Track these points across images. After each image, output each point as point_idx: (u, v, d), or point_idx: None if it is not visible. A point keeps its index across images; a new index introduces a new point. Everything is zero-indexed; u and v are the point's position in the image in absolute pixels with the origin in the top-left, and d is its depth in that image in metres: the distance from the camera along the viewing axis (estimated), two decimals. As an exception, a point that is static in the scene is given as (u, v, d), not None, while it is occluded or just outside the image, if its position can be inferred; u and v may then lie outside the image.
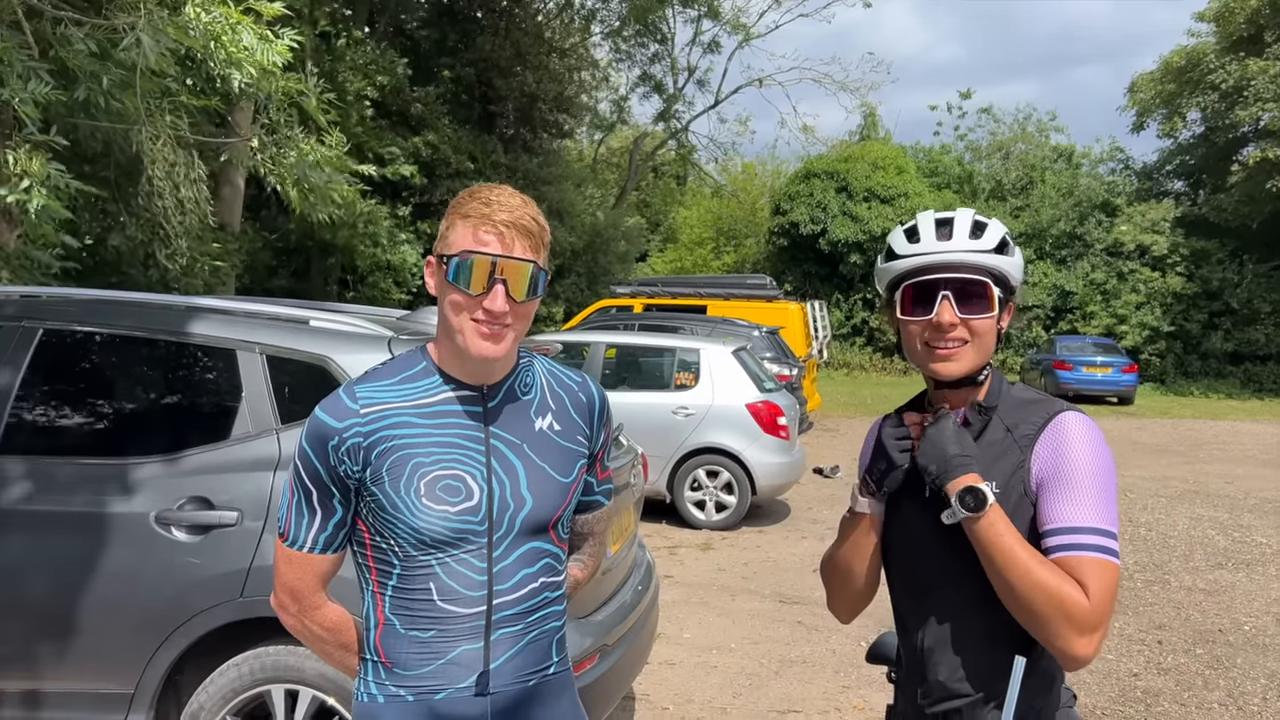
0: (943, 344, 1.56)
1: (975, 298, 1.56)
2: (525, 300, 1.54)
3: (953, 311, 1.55)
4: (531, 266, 1.54)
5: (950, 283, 1.56)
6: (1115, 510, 1.50)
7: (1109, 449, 1.54)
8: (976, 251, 1.57)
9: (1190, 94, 26.04)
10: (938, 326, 1.55)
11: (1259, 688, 4.93)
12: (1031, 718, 1.54)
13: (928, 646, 1.59)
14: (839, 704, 4.60)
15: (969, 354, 1.57)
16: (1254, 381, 24.83)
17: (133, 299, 3.44)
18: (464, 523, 1.54)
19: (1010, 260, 1.59)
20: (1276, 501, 10.16)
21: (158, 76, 6.36)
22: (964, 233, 1.58)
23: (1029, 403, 1.60)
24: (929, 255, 1.58)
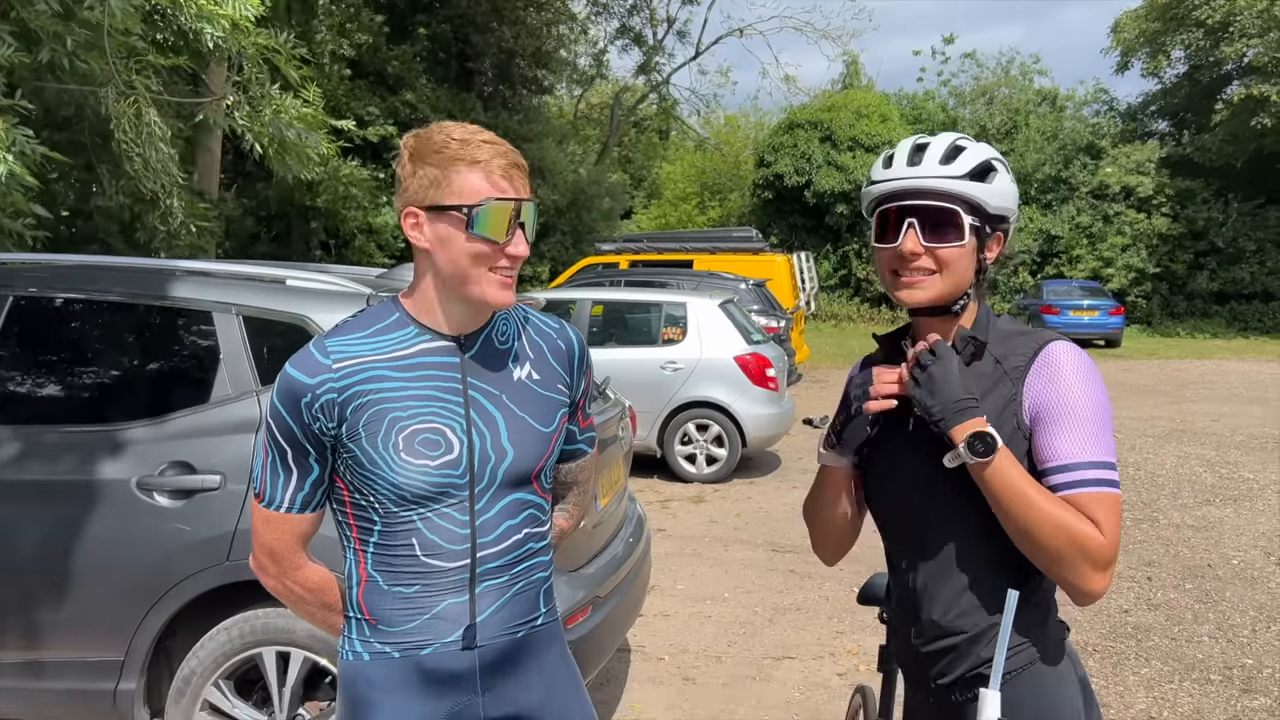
0: (908, 272, 1.53)
1: (944, 226, 1.51)
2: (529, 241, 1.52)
3: (917, 240, 1.51)
4: (536, 205, 1.53)
5: (917, 210, 1.52)
6: (1112, 440, 1.48)
7: (1100, 377, 1.52)
8: (946, 178, 1.50)
9: (1175, 31, 25.83)
10: (902, 255, 1.52)
11: (1248, 620, 4.98)
12: (1026, 651, 1.52)
13: (920, 586, 1.58)
14: (833, 649, 4.63)
15: (935, 283, 1.52)
16: (1239, 320, 24.94)
17: (105, 263, 3.39)
18: (445, 476, 1.50)
19: (987, 187, 1.51)
20: (1263, 438, 10.24)
21: (124, 35, 6.20)
22: (935, 158, 1.52)
23: (1017, 334, 1.57)
24: (896, 181, 1.53)
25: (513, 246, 1.49)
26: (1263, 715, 3.92)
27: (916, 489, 1.57)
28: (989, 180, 1.53)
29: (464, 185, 1.45)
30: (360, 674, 1.55)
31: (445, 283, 1.51)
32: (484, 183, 1.45)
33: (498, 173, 1.46)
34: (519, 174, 1.49)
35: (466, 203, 1.45)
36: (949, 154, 1.53)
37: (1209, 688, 4.18)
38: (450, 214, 1.45)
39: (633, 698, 4.09)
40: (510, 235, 1.48)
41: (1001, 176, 1.54)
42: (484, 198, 1.45)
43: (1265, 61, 22.61)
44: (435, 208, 1.46)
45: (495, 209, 1.45)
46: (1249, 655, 4.52)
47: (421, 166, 1.47)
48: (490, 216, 1.45)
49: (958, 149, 1.54)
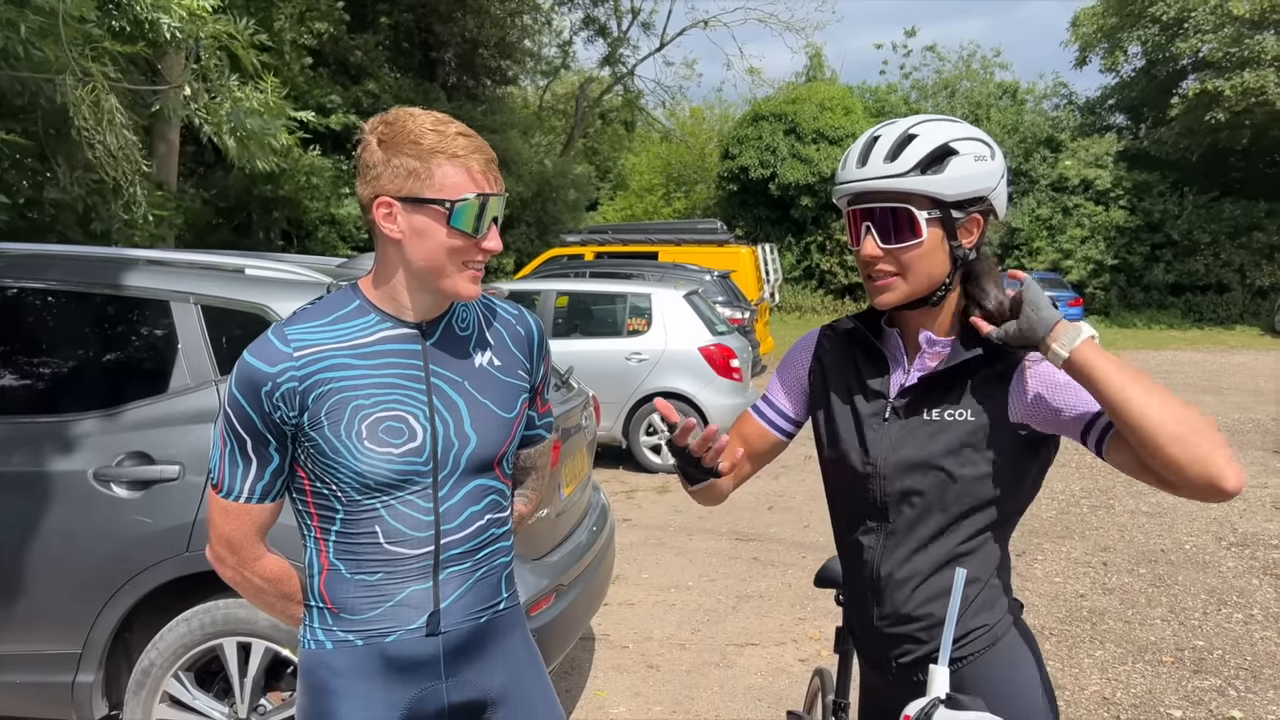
0: (875, 275, 1.52)
1: (899, 226, 1.48)
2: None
3: (874, 243, 1.49)
4: (505, 197, 1.53)
5: (871, 213, 1.50)
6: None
7: None
8: (890, 176, 1.46)
9: (1131, 27, 26.20)
10: (864, 259, 1.52)
11: (1199, 603, 5.09)
12: (984, 634, 1.56)
13: (886, 572, 1.59)
14: (795, 635, 4.68)
15: (900, 285, 1.51)
16: (1194, 311, 25.42)
17: (61, 252, 3.33)
18: (408, 464, 1.50)
19: (939, 178, 1.45)
20: (1215, 426, 10.44)
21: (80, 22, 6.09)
22: (881, 155, 1.48)
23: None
24: (848, 185, 1.52)
25: (488, 241, 1.50)
26: (1213, 695, 4.02)
27: (893, 475, 1.57)
28: (943, 168, 1.46)
29: (445, 179, 1.44)
30: (322, 662, 1.55)
31: (415, 274, 1.50)
32: (465, 178, 1.45)
33: (477, 168, 1.46)
34: (493, 168, 1.50)
35: (448, 197, 1.44)
36: (896, 148, 1.48)
37: (1161, 669, 4.28)
38: (430, 207, 1.45)
39: (597, 685, 4.11)
40: (486, 231, 1.49)
41: (961, 160, 1.47)
42: (466, 193, 1.45)
43: (1219, 57, 23.01)
44: (414, 199, 1.45)
45: (475, 205, 1.46)
46: (1200, 637, 4.63)
47: (396, 156, 1.44)
48: (470, 212, 1.45)
49: (908, 139, 1.48)
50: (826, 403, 1.68)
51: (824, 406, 1.68)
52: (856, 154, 1.52)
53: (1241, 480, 1.27)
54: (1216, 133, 23.77)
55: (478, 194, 1.46)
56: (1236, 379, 14.63)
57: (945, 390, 1.54)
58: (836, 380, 1.67)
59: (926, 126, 1.50)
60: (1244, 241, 25.09)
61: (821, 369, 1.71)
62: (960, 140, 1.48)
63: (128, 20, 6.66)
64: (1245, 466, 1.19)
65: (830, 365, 1.70)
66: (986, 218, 1.54)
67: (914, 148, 1.47)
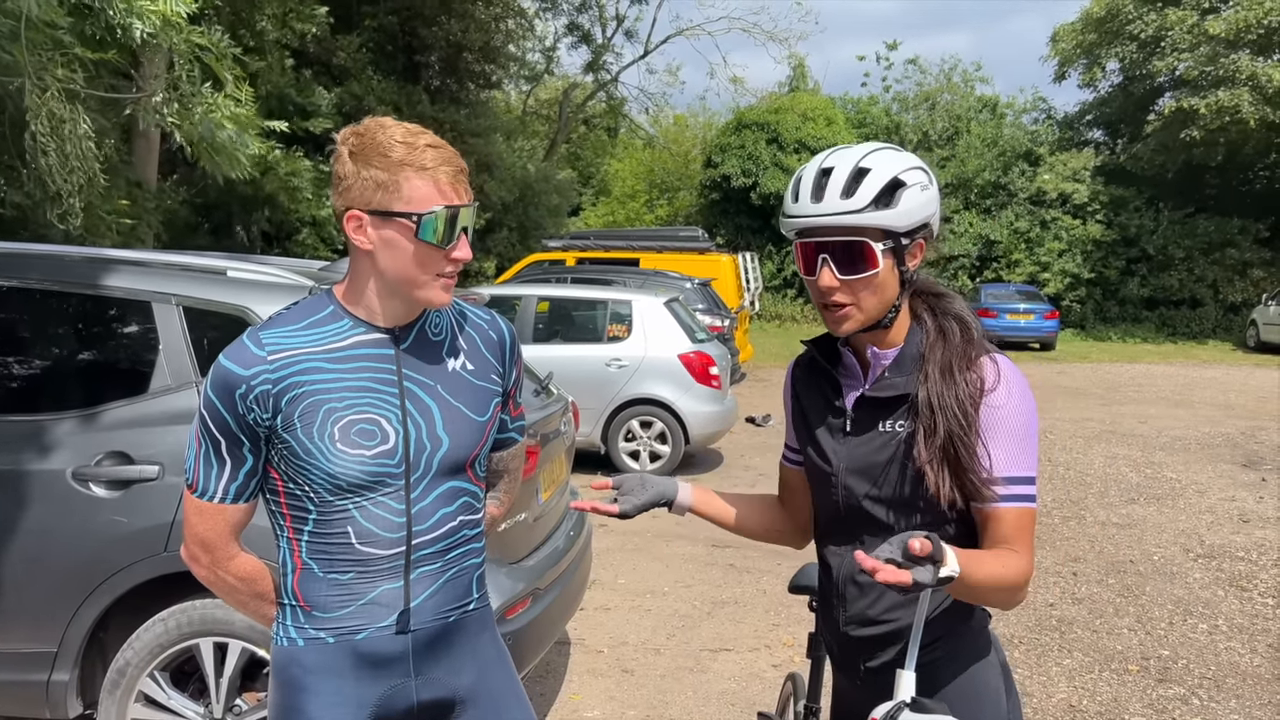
0: (831, 304, 1.57)
1: (855, 259, 1.53)
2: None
3: (832, 275, 1.54)
4: (476, 206, 1.57)
5: (827, 245, 1.54)
6: (1036, 452, 1.54)
7: (1029, 390, 1.57)
8: (847, 213, 1.51)
9: (1110, 44, 26.47)
10: (820, 289, 1.56)
11: (1165, 613, 5.18)
12: (950, 640, 1.60)
13: (852, 578, 1.64)
14: (769, 641, 4.72)
15: (856, 314, 1.56)
16: (1168, 325, 25.67)
17: (41, 251, 3.33)
18: (380, 466, 1.53)
19: (893, 212, 1.51)
20: (1185, 439, 10.60)
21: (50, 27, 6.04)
22: (836, 191, 1.52)
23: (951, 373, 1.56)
24: (804, 219, 1.55)
25: (458, 252, 1.53)
26: (1177, 704, 4.09)
27: (852, 484, 1.63)
28: (895, 201, 1.52)
29: (413, 192, 1.47)
30: (294, 659, 1.58)
31: (387, 283, 1.54)
32: (432, 190, 1.48)
33: (445, 180, 1.49)
34: (462, 179, 1.53)
35: (415, 210, 1.47)
36: (850, 184, 1.52)
37: (1127, 678, 4.35)
38: (397, 220, 1.48)
39: (572, 689, 4.14)
40: (455, 241, 1.52)
41: (910, 192, 1.53)
42: (432, 206, 1.48)
43: (1195, 75, 23.28)
44: (382, 213, 1.48)
45: (444, 216, 1.49)
46: (1165, 647, 4.71)
47: (366, 168, 1.48)
48: (437, 224, 1.49)
49: (861, 174, 1.52)
50: (805, 427, 1.76)
51: (803, 431, 1.77)
52: (809, 188, 1.55)
53: (1021, 601, 1.55)
54: (1191, 150, 24.04)
55: (445, 206, 1.49)
56: (1208, 393, 14.83)
57: (897, 404, 1.60)
58: (809, 405, 1.75)
59: (876, 159, 1.54)
60: (1217, 257, 25.39)
61: (797, 398, 1.80)
62: (906, 171, 1.54)
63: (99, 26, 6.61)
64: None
65: (803, 393, 1.78)
66: (928, 240, 1.61)
67: (868, 183, 1.52)
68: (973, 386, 1.54)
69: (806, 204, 1.55)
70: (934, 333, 1.61)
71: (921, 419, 1.54)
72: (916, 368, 1.59)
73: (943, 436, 1.51)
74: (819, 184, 1.55)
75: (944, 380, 1.55)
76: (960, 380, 1.54)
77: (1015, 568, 1.49)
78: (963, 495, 1.53)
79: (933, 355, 1.58)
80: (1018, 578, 1.49)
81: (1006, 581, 1.48)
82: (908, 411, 1.58)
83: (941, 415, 1.52)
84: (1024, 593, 1.52)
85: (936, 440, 1.52)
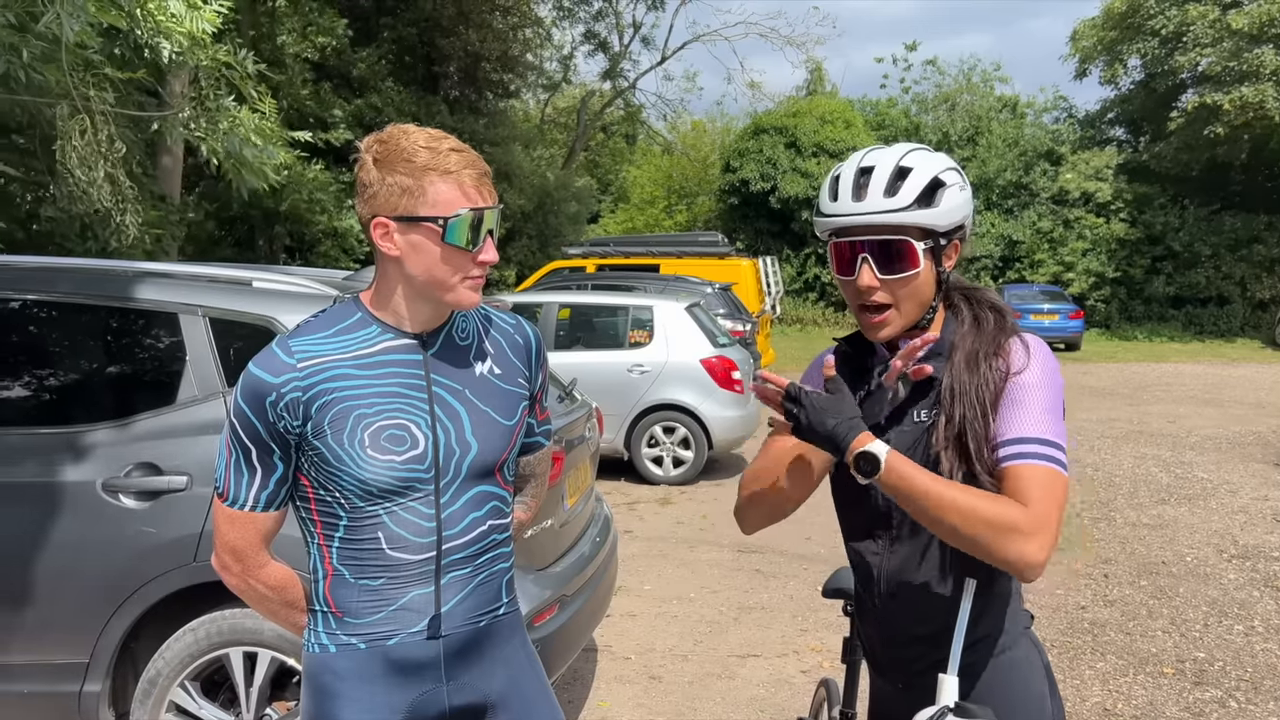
0: (871, 307, 1.54)
1: (897, 258, 1.51)
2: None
3: (872, 274, 1.52)
4: (500, 210, 1.57)
5: (868, 245, 1.52)
6: (1063, 425, 1.50)
7: (1058, 367, 1.55)
8: (890, 211, 1.49)
9: (1131, 40, 26.27)
10: (859, 289, 1.54)
11: (1200, 615, 5.10)
12: (992, 641, 1.58)
13: (894, 581, 1.61)
14: (797, 646, 4.69)
15: (896, 318, 1.54)
16: (1195, 324, 25.42)
17: (69, 264, 3.37)
18: (410, 471, 1.53)
19: (935, 210, 1.51)
20: (1216, 439, 10.47)
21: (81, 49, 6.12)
22: (879, 189, 1.51)
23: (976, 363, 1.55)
24: (844, 217, 1.53)
25: (484, 254, 1.53)
26: (1214, 706, 4.03)
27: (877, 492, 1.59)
28: (937, 201, 1.51)
29: (438, 196, 1.48)
30: (326, 666, 1.58)
31: (415, 288, 1.54)
32: (457, 193, 1.49)
33: (469, 183, 1.50)
34: (487, 182, 1.54)
35: (441, 214, 1.48)
36: (892, 183, 1.51)
37: (1162, 681, 4.29)
38: (424, 224, 1.49)
39: (600, 696, 4.12)
40: (482, 243, 1.52)
41: (950, 191, 1.53)
42: (458, 209, 1.48)
43: (1218, 71, 23.07)
44: (408, 218, 1.49)
45: (469, 219, 1.49)
46: (1201, 649, 4.64)
47: (391, 174, 1.48)
48: (463, 227, 1.49)
49: (902, 173, 1.52)
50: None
51: None
52: (849, 186, 1.54)
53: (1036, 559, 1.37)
54: (1215, 147, 23.80)
55: (470, 209, 1.49)
56: (1237, 392, 14.65)
57: (927, 390, 1.57)
58: None
59: (916, 158, 1.54)
60: (1244, 254, 25.13)
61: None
62: (945, 171, 1.53)
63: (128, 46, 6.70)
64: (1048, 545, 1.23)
65: None
66: (962, 242, 1.60)
67: (911, 182, 1.51)
68: (997, 373, 1.51)
69: (847, 202, 1.53)
70: (969, 321, 1.60)
71: (943, 406, 1.52)
72: (948, 357, 1.57)
73: (957, 424, 1.49)
74: (859, 182, 1.53)
75: (968, 369, 1.53)
76: (985, 369, 1.52)
77: (1000, 507, 1.37)
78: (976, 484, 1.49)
79: (962, 344, 1.56)
80: (1000, 517, 1.36)
81: (981, 512, 1.37)
82: (935, 399, 1.55)
83: (960, 404, 1.50)
84: (1020, 546, 1.36)
85: (953, 428, 1.49)
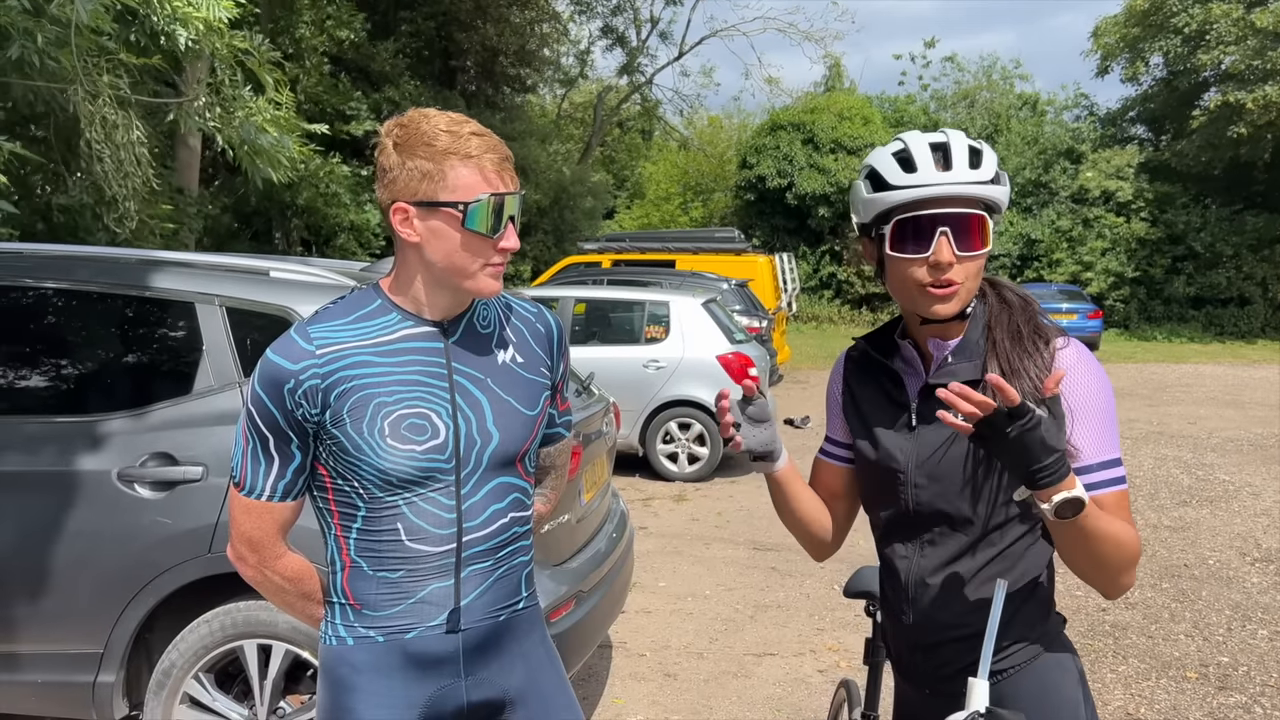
0: (939, 284, 1.47)
1: (971, 233, 1.46)
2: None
3: (951, 249, 1.45)
4: (522, 197, 1.53)
5: (949, 218, 1.45)
6: (1118, 434, 1.47)
7: (1105, 373, 1.51)
8: (979, 183, 1.44)
9: (1153, 38, 26.03)
10: (935, 265, 1.46)
11: (1223, 619, 5.03)
12: (1028, 646, 1.53)
13: (925, 583, 1.57)
14: (814, 645, 4.64)
15: (963, 293, 1.48)
16: (1215, 324, 25.18)
17: (86, 253, 3.35)
18: (431, 461, 1.50)
19: (1004, 189, 1.49)
20: (1238, 440, 10.35)
21: (96, 34, 6.12)
22: (964, 161, 1.45)
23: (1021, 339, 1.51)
24: (929, 187, 1.45)
25: (506, 240, 1.50)
26: (1238, 712, 3.96)
27: (922, 482, 1.55)
28: (1003, 181, 1.50)
29: (458, 180, 1.44)
30: (343, 659, 1.55)
31: (435, 275, 1.51)
32: (478, 178, 1.45)
33: (490, 167, 1.46)
34: (508, 166, 1.50)
35: (461, 199, 1.44)
36: (973, 157, 1.47)
37: (1185, 685, 4.22)
38: (444, 210, 1.45)
39: (615, 693, 4.09)
40: (503, 230, 1.49)
41: (1005, 176, 1.51)
42: (479, 194, 1.44)
43: (1241, 69, 22.82)
44: (428, 203, 1.45)
45: (490, 204, 1.45)
46: (1224, 653, 4.57)
47: (411, 159, 1.45)
48: (484, 212, 1.45)
49: (977, 150, 1.48)
50: (860, 421, 1.67)
51: (858, 425, 1.68)
52: (929, 159, 1.47)
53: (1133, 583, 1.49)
54: (1238, 146, 23.56)
55: (491, 194, 1.46)
56: (1259, 393, 14.49)
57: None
58: (864, 398, 1.67)
59: (975, 140, 1.50)
60: (1266, 255, 24.86)
61: (850, 391, 1.71)
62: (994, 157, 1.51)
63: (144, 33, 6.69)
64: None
65: (857, 386, 1.70)
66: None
67: (988, 157, 1.48)
68: (1048, 359, 1.47)
69: (932, 173, 1.46)
70: (997, 304, 1.55)
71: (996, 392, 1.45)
72: (981, 351, 1.52)
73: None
74: (938, 156, 1.47)
75: (1015, 347, 1.48)
76: (1034, 349, 1.47)
77: (1132, 537, 1.40)
78: None
79: (999, 323, 1.52)
80: (1135, 549, 1.41)
81: (1125, 547, 1.39)
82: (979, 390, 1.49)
83: (1015, 382, 1.44)
84: (1134, 575, 1.44)
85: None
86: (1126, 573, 1.43)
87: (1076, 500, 1.30)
